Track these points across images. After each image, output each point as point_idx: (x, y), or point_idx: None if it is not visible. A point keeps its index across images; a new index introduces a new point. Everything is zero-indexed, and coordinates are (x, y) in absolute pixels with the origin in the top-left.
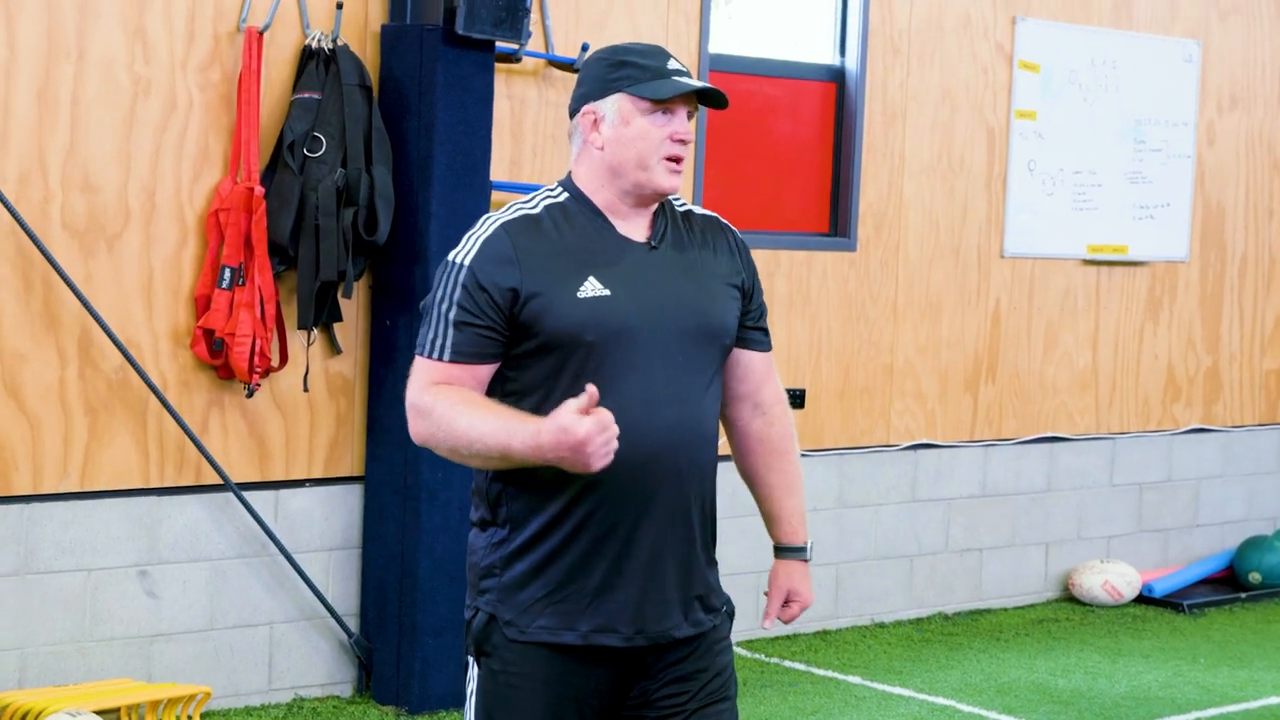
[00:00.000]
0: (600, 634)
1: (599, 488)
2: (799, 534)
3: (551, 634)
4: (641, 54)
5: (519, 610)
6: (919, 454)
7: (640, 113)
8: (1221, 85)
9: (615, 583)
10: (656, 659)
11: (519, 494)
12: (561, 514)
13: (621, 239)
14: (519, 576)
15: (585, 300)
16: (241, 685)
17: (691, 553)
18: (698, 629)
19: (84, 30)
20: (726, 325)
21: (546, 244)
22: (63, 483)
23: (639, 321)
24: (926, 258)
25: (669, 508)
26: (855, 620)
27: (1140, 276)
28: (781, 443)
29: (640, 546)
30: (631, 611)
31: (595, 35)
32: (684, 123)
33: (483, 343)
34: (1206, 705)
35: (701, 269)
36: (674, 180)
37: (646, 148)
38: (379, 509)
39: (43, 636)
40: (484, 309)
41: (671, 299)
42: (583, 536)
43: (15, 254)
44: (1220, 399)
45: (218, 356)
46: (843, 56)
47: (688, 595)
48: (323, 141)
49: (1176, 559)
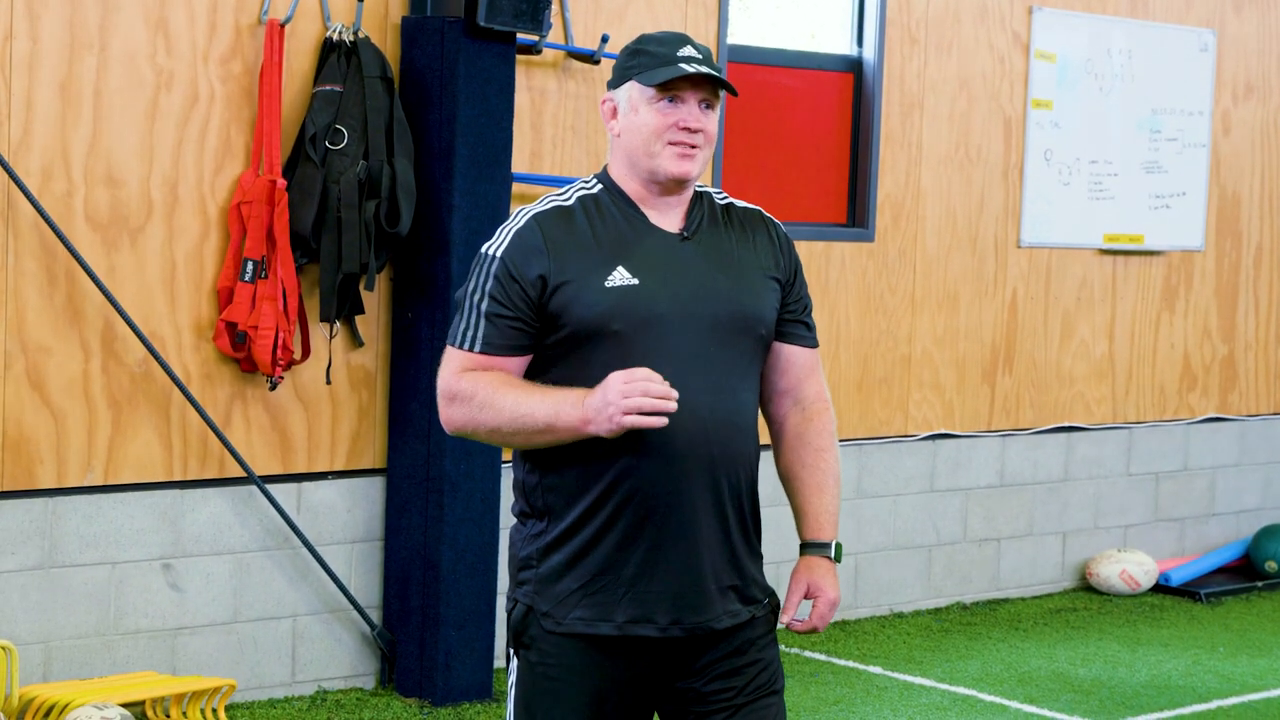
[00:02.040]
0: (636, 624)
1: (632, 477)
2: (825, 531)
3: (588, 625)
4: (659, 41)
5: (555, 601)
6: (937, 444)
7: (647, 101)
8: (1237, 74)
9: (650, 573)
10: (700, 652)
11: (555, 485)
12: (596, 504)
13: (654, 229)
14: (555, 568)
15: (613, 289)
16: (265, 678)
17: (728, 543)
18: (735, 620)
19: (106, 23)
20: (762, 316)
21: (577, 234)
22: (87, 477)
23: (669, 310)
24: (944, 248)
25: (703, 498)
26: (874, 610)
27: (1156, 266)
28: (818, 439)
29: (674, 536)
30: (668, 602)
31: (615, 27)
32: (693, 111)
33: (513, 334)
34: (1228, 694)
35: (737, 260)
36: (683, 165)
37: (652, 135)
38: (401, 501)
39: (68, 630)
40: (515, 300)
41: (704, 289)
42: (617, 526)
43: (39, 247)
44: (1236, 388)
45: (240, 349)
46: (860, 47)
47: (724, 586)
48: (344, 134)
49: (1193, 548)
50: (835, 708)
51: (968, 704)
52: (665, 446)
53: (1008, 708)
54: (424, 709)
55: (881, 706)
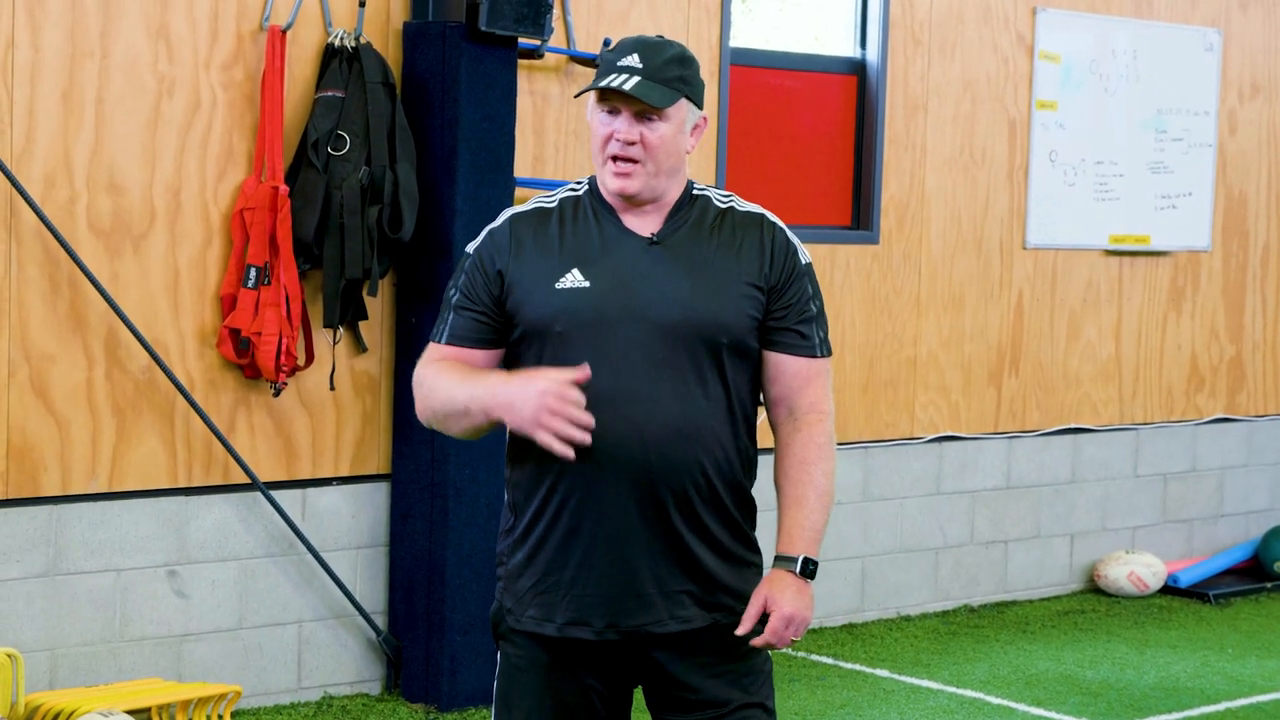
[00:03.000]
0: (574, 626)
1: (569, 477)
2: (795, 545)
3: (537, 624)
4: (620, 48)
5: (516, 599)
6: (943, 447)
7: (592, 109)
8: (1243, 73)
9: (586, 576)
10: (657, 657)
11: (518, 482)
12: (543, 505)
13: (624, 233)
14: (518, 565)
15: (561, 291)
16: (271, 684)
17: (677, 549)
18: (687, 625)
19: (107, 30)
20: (725, 323)
21: (546, 236)
22: (91, 484)
23: (618, 314)
24: (949, 250)
25: (638, 504)
26: (881, 613)
27: (1163, 266)
28: (803, 451)
29: (604, 540)
30: (603, 605)
31: (617, 30)
32: (625, 123)
33: (477, 327)
34: (1236, 695)
35: (709, 266)
36: (619, 182)
37: (595, 146)
38: (406, 506)
39: (73, 637)
40: (479, 293)
41: (661, 294)
42: (558, 527)
43: (42, 255)
44: (1244, 388)
45: (244, 356)
46: (863, 49)
47: (672, 590)
48: (346, 139)
49: (1201, 549)
50: (842, 711)
51: (975, 707)
52: (597, 453)
53: (1015, 710)
54: (430, 714)
55: (889, 710)
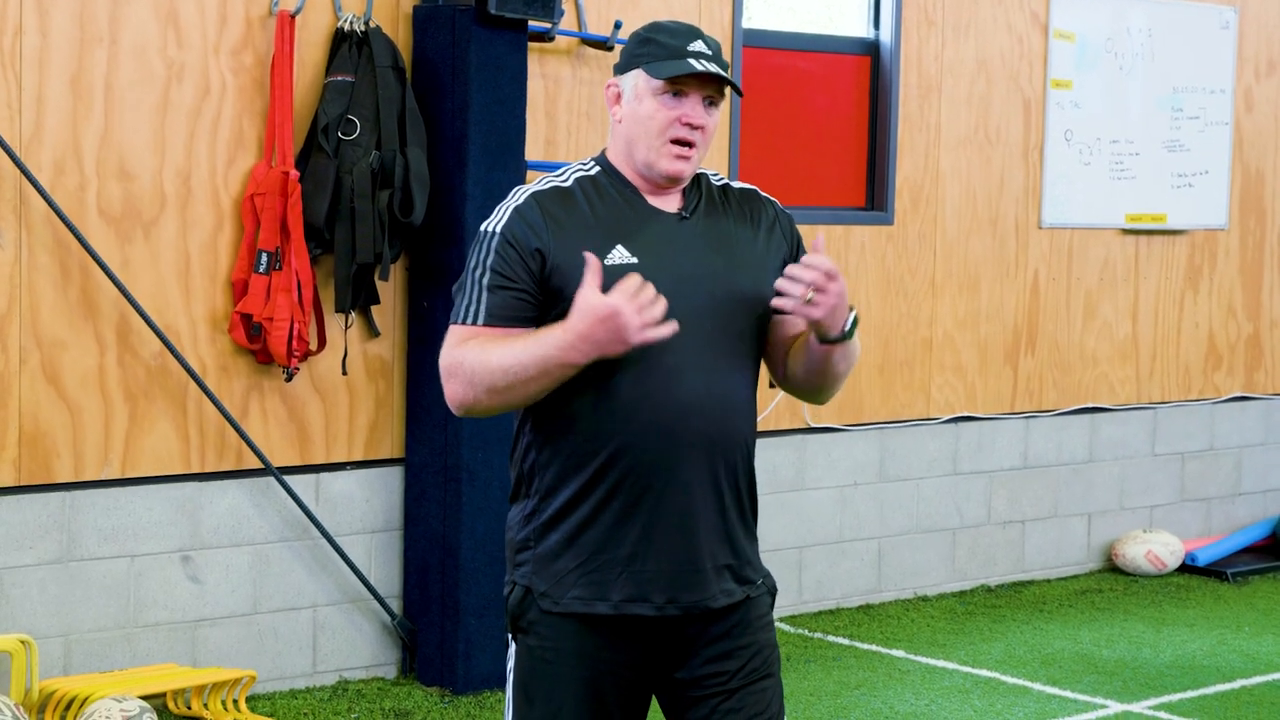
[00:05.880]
0: (632, 604)
1: (628, 455)
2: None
3: (585, 604)
4: (670, 32)
5: (553, 581)
6: (960, 427)
7: (652, 92)
8: (1259, 51)
9: (646, 551)
10: (695, 634)
11: (550, 463)
12: (591, 482)
13: (652, 209)
14: (553, 547)
15: (610, 268)
16: (286, 668)
17: (724, 522)
18: (730, 599)
19: (116, 16)
20: (761, 294)
21: (577, 214)
22: (104, 470)
23: (666, 289)
24: (964, 230)
25: (698, 476)
26: (898, 594)
27: (1179, 245)
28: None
29: (669, 514)
30: (664, 581)
31: (628, 13)
32: (697, 107)
33: (517, 305)
34: (1252, 673)
35: (736, 240)
36: (678, 165)
37: (653, 128)
38: (420, 490)
39: (87, 623)
40: (517, 271)
41: (702, 268)
42: (612, 504)
43: (53, 242)
44: (1262, 366)
45: (256, 341)
46: (877, 29)
47: (720, 565)
48: (357, 124)
49: (1219, 528)
50: (858, 691)
51: (991, 686)
52: (662, 424)
53: (1031, 689)
54: (445, 698)
55: (904, 690)
